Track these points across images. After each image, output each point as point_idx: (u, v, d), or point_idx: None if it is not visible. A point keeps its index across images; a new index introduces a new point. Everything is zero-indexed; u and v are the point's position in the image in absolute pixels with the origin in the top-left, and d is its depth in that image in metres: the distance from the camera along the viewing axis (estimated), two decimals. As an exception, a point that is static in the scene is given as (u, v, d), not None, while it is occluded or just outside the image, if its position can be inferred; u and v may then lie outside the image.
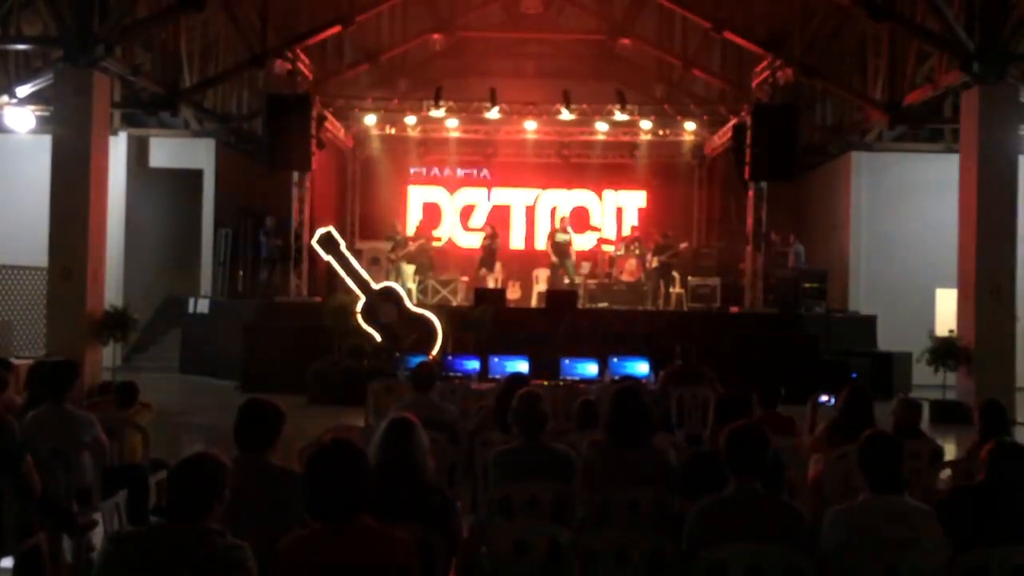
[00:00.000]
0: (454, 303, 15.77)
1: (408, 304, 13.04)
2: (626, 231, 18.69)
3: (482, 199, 19.85)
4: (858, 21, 14.68)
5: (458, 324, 12.94)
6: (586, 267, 17.92)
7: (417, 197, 19.93)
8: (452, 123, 16.97)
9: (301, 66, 15.35)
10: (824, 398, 13.15)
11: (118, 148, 15.92)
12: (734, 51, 17.51)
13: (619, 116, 16.09)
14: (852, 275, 16.74)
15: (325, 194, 18.04)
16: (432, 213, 19.75)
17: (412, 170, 19.75)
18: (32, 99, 13.93)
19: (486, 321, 12.97)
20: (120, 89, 14.99)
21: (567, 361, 10.09)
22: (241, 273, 17.59)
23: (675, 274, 16.78)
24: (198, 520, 2.82)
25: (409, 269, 16.65)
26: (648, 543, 3.42)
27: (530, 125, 17.09)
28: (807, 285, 15.51)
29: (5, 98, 14.18)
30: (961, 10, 11.80)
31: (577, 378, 9.79)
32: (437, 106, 15.84)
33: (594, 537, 3.52)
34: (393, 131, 17.72)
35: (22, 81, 13.90)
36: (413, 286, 16.18)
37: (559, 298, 14.40)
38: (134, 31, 13.05)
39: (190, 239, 17.58)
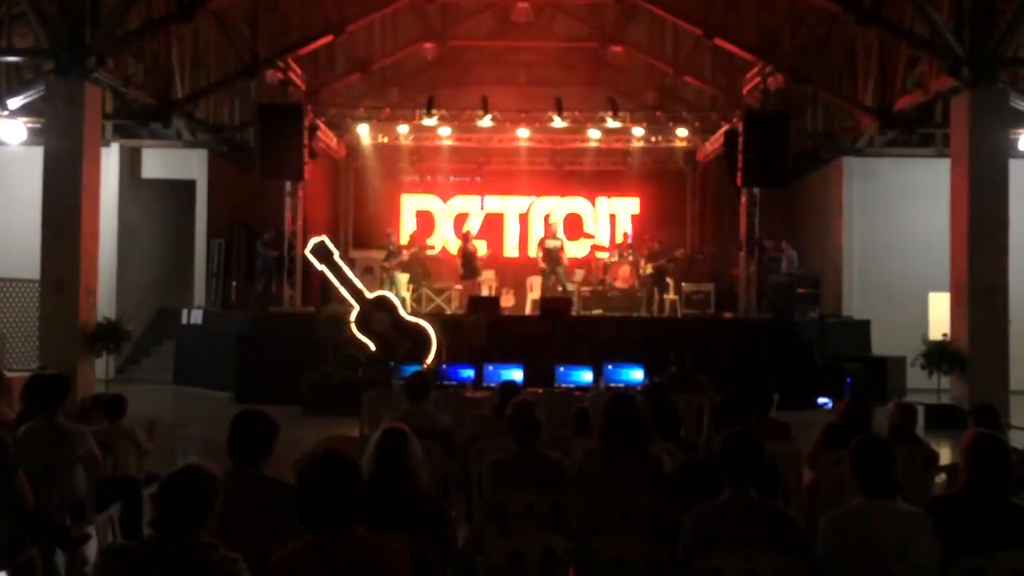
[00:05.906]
0: (448, 312, 15.76)
1: (402, 313, 13.03)
2: (619, 238, 18.71)
3: (475, 207, 19.86)
4: (848, 27, 14.73)
5: (452, 333, 12.93)
6: (580, 274, 17.93)
7: (410, 206, 19.93)
8: (445, 131, 16.98)
9: (293, 76, 15.34)
10: (821, 401, 13.20)
11: (110, 159, 15.92)
12: (725, 57, 17.53)
13: (611, 123, 16.09)
14: (845, 280, 16.78)
15: (318, 204, 18.02)
16: (425, 222, 19.74)
17: (405, 179, 19.75)
18: (23, 111, 13.89)
19: (481, 329, 12.96)
20: (112, 100, 14.98)
21: (562, 368, 10.12)
22: (235, 284, 17.55)
23: (669, 280, 16.78)
24: (190, 533, 2.80)
25: (403, 278, 16.62)
26: (644, 551, 3.42)
27: (522, 133, 17.09)
28: (800, 290, 15.58)
29: (-4, 110, 14.16)
30: (950, 15, 11.85)
31: (572, 385, 9.82)
32: (429, 115, 15.84)
33: (590, 546, 3.51)
34: (386, 140, 17.72)
35: (13, 93, 13.86)
36: (407, 295, 16.17)
37: (553, 305, 14.39)
38: (125, 42, 13.03)
39: (183, 250, 17.55)
